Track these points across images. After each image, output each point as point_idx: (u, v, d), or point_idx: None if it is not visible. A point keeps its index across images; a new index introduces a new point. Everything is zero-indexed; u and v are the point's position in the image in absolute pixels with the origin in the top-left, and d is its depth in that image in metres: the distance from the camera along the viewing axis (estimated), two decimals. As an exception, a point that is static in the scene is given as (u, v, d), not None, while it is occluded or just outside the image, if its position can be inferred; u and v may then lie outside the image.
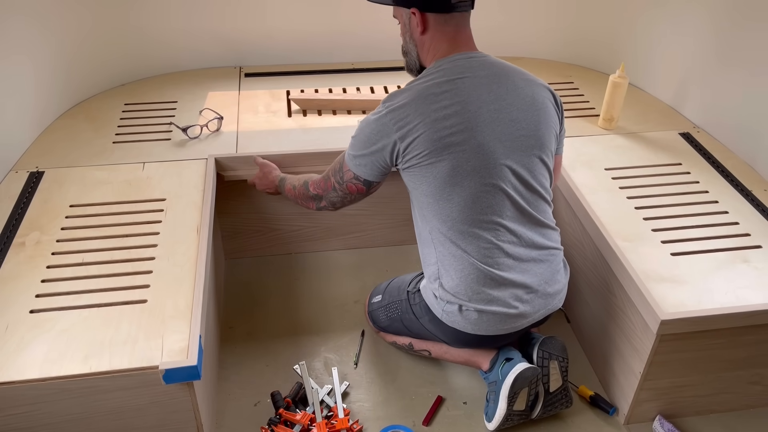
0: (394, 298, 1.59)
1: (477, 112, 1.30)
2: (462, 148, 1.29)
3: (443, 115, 1.28)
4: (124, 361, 1.15)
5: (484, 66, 1.34)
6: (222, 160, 1.74)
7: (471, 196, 1.31)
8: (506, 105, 1.33)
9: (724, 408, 1.54)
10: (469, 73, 1.32)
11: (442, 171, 1.30)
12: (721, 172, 1.75)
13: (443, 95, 1.30)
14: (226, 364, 1.64)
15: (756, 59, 1.73)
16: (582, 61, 2.38)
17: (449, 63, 1.33)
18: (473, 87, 1.31)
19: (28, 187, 1.61)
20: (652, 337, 1.32)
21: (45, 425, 1.19)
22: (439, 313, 1.42)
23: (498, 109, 1.32)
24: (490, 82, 1.33)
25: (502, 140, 1.31)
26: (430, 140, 1.28)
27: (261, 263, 1.98)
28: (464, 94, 1.30)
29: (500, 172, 1.32)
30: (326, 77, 2.23)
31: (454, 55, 1.34)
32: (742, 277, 1.39)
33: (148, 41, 2.16)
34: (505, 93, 1.33)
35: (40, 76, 1.84)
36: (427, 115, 1.28)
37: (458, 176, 1.30)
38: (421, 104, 1.29)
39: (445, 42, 1.35)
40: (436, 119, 1.28)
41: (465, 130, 1.29)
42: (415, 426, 1.50)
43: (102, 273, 1.35)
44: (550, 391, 1.45)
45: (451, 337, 1.46)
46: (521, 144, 1.34)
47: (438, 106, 1.29)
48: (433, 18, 1.33)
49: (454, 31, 1.34)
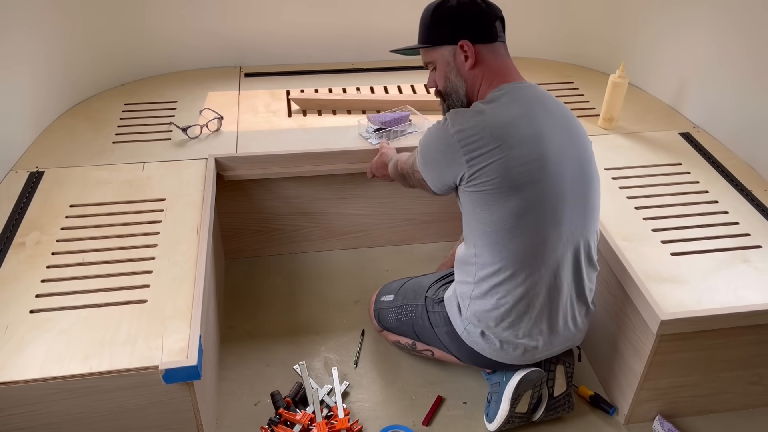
0: (408, 302, 1.55)
1: (549, 147, 1.23)
2: (535, 181, 1.22)
3: (518, 144, 1.21)
4: (124, 361, 1.15)
5: (542, 97, 1.29)
6: (222, 160, 1.74)
7: (531, 231, 1.25)
8: (569, 141, 1.28)
9: (724, 408, 1.54)
10: (535, 104, 1.26)
11: (510, 204, 1.22)
12: (721, 172, 1.75)
13: (517, 124, 1.22)
14: (226, 364, 1.64)
15: (756, 59, 1.73)
16: (582, 61, 2.38)
17: (513, 90, 1.27)
18: (543, 118, 1.25)
19: (28, 187, 1.61)
20: (652, 337, 1.32)
21: (45, 425, 1.19)
22: (460, 330, 1.40)
23: (564, 145, 1.26)
24: (552, 114, 1.27)
25: (571, 182, 1.27)
26: (504, 168, 1.20)
27: (261, 263, 1.98)
28: (537, 125, 1.23)
29: (565, 217, 1.27)
30: (326, 77, 2.23)
31: (513, 83, 1.29)
32: (742, 277, 1.39)
33: (148, 41, 2.16)
34: (565, 128, 1.29)
35: (40, 76, 1.84)
36: (501, 141, 1.20)
37: (526, 210, 1.23)
38: (496, 130, 1.21)
39: (496, 72, 1.30)
40: (511, 147, 1.20)
41: (540, 164, 1.22)
42: (415, 426, 1.50)
43: (102, 273, 1.35)
44: (554, 396, 1.45)
45: (465, 355, 1.44)
46: (583, 191, 1.30)
47: (513, 134, 1.21)
48: (483, 49, 1.29)
49: (502, 61, 1.31)
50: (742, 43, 1.77)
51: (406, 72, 2.27)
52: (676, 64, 2.04)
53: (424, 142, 1.33)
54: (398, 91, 2.14)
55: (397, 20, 2.26)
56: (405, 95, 2.07)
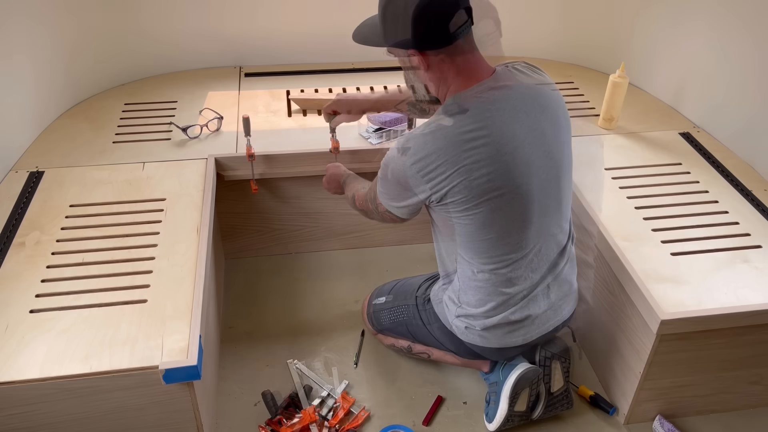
0: (400, 302, 1.57)
1: (513, 154, 1.20)
2: (501, 193, 1.21)
3: (477, 162, 1.18)
4: (124, 361, 1.15)
5: (509, 95, 1.22)
6: (222, 160, 1.74)
7: (503, 234, 1.26)
8: (539, 135, 1.23)
9: (724, 408, 1.54)
10: (495, 107, 1.20)
11: (480, 216, 1.23)
12: (721, 172, 1.75)
13: (474, 141, 1.17)
14: (226, 364, 1.64)
15: (756, 59, 1.73)
16: (582, 61, 2.38)
17: (472, 99, 1.20)
18: (505, 124, 1.19)
19: (28, 187, 1.61)
20: (652, 337, 1.32)
21: (45, 425, 1.19)
22: (449, 325, 1.42)
23: (532, 144, 1.22)
24: (518, 112, 1.21)
25: (539, 180, 1.25)
26: (467, 188, 1.19)
27: (261, 263, 1.98)
28: (497, 135, 1.18)
29: (535, 216, 1.27)
30: (326, 77, 2.23)
31: (474, 87, 1.21)
32: (742, 277, 1.39)
33: (148, 41, 2.16)
34: (534, 122, 1.23)
35: (40, 76, 1.84)
36: (460, 164, 1.17)
37: (496, 219, 1.24)
38: (451, 152, 1.18)
39: (456, 74, 1.22)
40: (471, 168, 1.18)
41: (503, 175, 1.20)
42: (415, 426, 1.50)
43: (102, 273, 1.35)
44: (552, 392, 1.45)
45: (460, 348, 1.45)
46: (556, 184, 1.29)
47: (471, 152, 1.17)
48: (434, 55, 1.20)
49: (462, 61, 1.21)
50: (742, 43, 1.77)
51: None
52: (676, 64, 2.04)
53: (383, 177, 1.29)
54: (398, 91, 2.14)
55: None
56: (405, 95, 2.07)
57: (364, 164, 1.80)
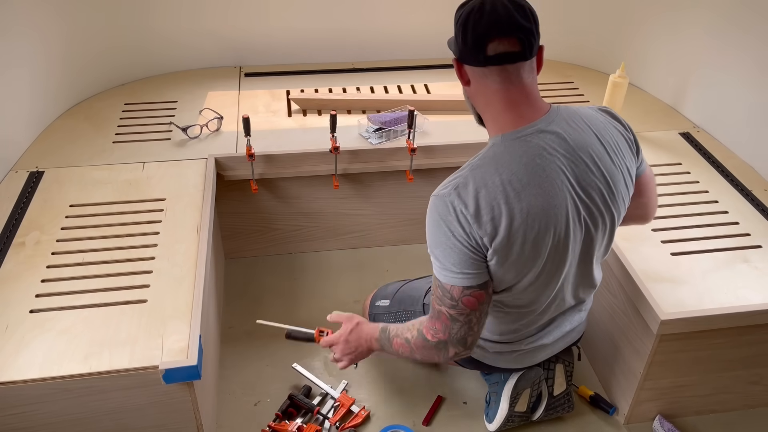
0: (406, 308, 1.53)
1: (557, 210, 1.09)
2: (534, 256, 1.11)
3: (526, 213, 1.07)
4: (124, 361, 1.15)
5: (558, 143, 1.10)
6: (222, 160, 1.74)
7: (520, 291, 1.18)
8: (584, 186, 1.12)
9: (724, 408, 1.54)
10: (544, 159, 1.08)
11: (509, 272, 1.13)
12: (721, 172, 1.75)
13: (522, 193, 1.07)
14: (226, 364, 1.64)
15: (756, 59, 1.73)
16: (582, 61, 2.38)
17: (519, 145, 1.09)
18: (552, 178, 1.08)
19: (28, 187, 1.61)
20: (652, 337, 1.32)
21: (45, 425, 1.19)
22: None
23: (575, 197, 1.11)
24: (568, 162, 1.10)
25: (574, 247, 1.16)
26: (509, 240, 1.08)
27: (261, 263, 1.98)
28: (546, 190, 1.08)
29: (559, 283, 1.20)
30: (326, 77, 2.23)
31: (521, 129, 1.09)
32: (742, 277, 1.39)
33: (149, 41, 2.16)
34: (584, 174, 1.11)
35: (40, 76, 1.84)
36: (511, 217, 1.07)
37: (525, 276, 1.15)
38: (499, 197, 1.07)
39: (496, 99, 1.09)
40: (521, 222, 1.07)
41: (540, 235, 1.09)
42: (415, 426, 1.50)
43: (102, 273, 1.35)
44: (554, 395, 1.45)
45: (463, 360, 1.44)
46: (587, 236, 1.17)
47: (519, 205, 1.07)
48: (471, 71, 1.10)
49: (502, 89, 1.08)
50: (742, 43, 1.77)
51: (406, 72, 2.27)
52: (676, 64, 2.04)
53: (433, 235, 1.14)
54: (398, 91, 2.14)
55: (397, 20, 2.27)
56: (405, 95, 2.07)
57: (363, 164, 1.80)
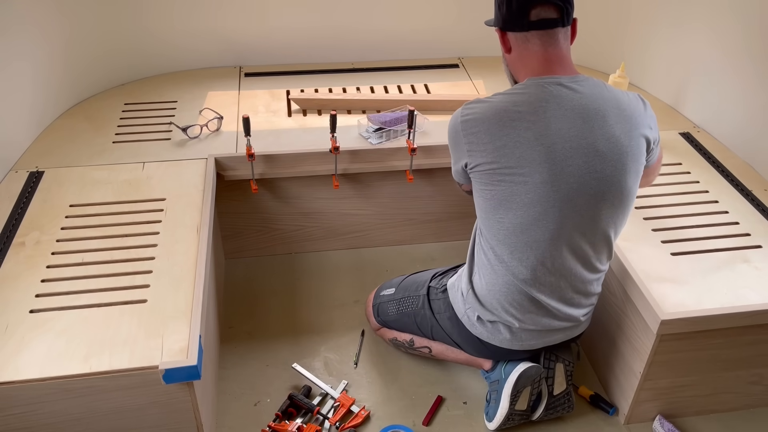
0: (410, 293, 1.57)
1: (551, 147, 1.20)
2: (524, 180, 1.22)
3: (513, 142, 1.21)
4: (124, 361, 1.15)
5: (574, 97, 1.22)
6: (222, 160, 1.74)
7: (518, 224, 1.26)
8: (585, 145, 1.21)
9: (724, 408, 1.54)
10: (555, 102, 1.21)
11: (498, 193, 1.25)
12: (721, 172, 1.75)
13: (519, 122, 1.20)
14: (226, 364, 1.64)
15: (756, 59, 1.73)
16: (582, 61, 2.38)
17: (537, 86, 1.23)
18: (555, 119, 1.20)
19: (28, 186, 1.61)
20: (652, 337, 1.32)
21: (45, 425, 1.19)
22: (461, 314, 1.42)
23: (575, 147, 1.21)
24: (575, 116, 1.21)
25: (568, 188, 1.22)
26: (492, 164, 1.23)
27: (261, 263, 1.98)
28: (542, 125, 1.20)
29: (555, 224, 1.25)
30: (326, 77, 2.23)
31: (546, 77, 1.23)
32: (742, 277, 1.39)
33: (148, 41, 2.16)
34: (588, 132, 1.21)
35: (40, 76, 1.84)
36: (497, 138, 1.21)
37: (513, 204, 1.24)
38: (494, 125, 1.22)
39: (534, 60, 1.24)
40: (504, 145, 1.21)
41: (533, 163, 1.21)
42: (415, 426, 1.50)
43: (102, 273, 1.35)
44: (554, 395, 1.45)
45: (465, 340, 1.45)
46: (593, 204, 1.25)
47: (511, 131, 1.21)
48: (514, 37, 1.26)
49: (541, 51, 1.23)
50: (742, 43, 1.77)
51: (406, 72, 2.27)
52: (676, 64, 2.04)
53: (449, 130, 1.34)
54: (398, 91, 2.14)
55: (397, 20, 2.27)
56: (405, 95, 2.07)
57: (363, 164, 1.80)
